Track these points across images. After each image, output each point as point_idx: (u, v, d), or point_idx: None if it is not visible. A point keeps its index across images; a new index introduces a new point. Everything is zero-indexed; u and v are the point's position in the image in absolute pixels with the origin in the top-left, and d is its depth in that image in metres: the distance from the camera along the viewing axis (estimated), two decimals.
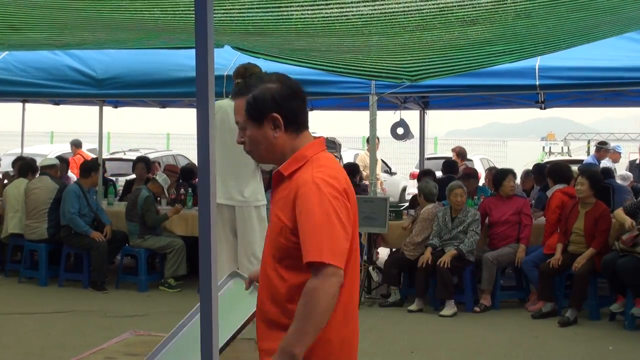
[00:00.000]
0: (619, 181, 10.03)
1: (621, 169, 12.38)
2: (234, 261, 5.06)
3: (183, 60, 8.90)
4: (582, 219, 7.46)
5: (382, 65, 6.18)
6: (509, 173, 8.38)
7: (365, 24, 4.45)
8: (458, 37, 4.94)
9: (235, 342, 4.91)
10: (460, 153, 12.77)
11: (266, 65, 5.65)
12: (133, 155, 14.01)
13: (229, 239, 5.01)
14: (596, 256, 7.30)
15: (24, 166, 9.85)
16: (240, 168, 4.93)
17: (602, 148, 12.34)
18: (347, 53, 5.65)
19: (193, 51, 3.17)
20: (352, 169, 10.57)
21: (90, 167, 9.24)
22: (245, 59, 7.26)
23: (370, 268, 8.13)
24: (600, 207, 7.46)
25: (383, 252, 9.57)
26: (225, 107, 5.06)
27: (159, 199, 9.12)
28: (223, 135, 4.96)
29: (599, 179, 7.58)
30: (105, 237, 8.76)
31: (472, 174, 9.70)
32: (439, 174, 10.67)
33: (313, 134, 2.79)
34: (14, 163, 11.13)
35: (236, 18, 4.45)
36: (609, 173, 9.58)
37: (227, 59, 8.83)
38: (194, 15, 2.88)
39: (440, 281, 7.66)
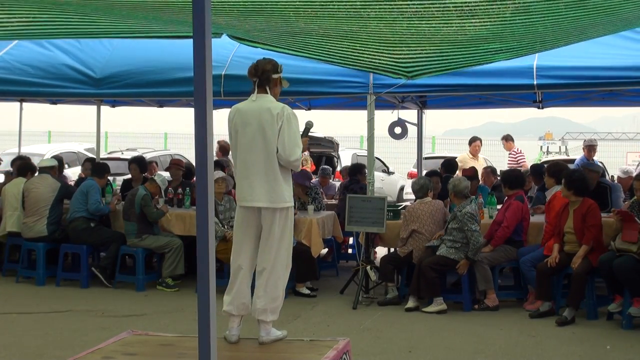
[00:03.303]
0: (619, 174, 10.24)
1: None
2: (254, 263, 4.98)
3: (181, 59, 8.91)
4: (572, 218, 7.49)
5: (380, 59, 6.16)
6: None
7: (364, 5, 4.41)
8: (456, 31, 4.92)
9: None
10: (224, 148, 12.20)
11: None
12: (130, 155, 14.00)
13: (252, 240, 4.94)
14: (592, 254, 7.31)
15: (23, 165, 9.86)
16: (268, 170, 4.84)
17: (590, 146, 12.31)
18: (345, 39, 5.61)
19: (191, 50, 3.17)
20: (356, 169, 10.60)
21: (105, 169, 9.53)
22: (243, 49, 7.22)
23: (368, 268, 8.13)
24: (586, 203, 7.47)
25: (381, 252, 9.58)
26: (244, 110, 4.97)
27: (156, 197, 9.11)
28: (245, 137, 4.90)
29: (574, 179, 7.56)
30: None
31: (473, 175, 9.73)
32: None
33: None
34: (12, 162, 11.13)
35: None
36: (602, 173, 9.68)
37: (224, 55, 8.83)
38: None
39: (423, 280, 7.69)
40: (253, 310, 4.90)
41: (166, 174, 10.07)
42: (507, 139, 14.15)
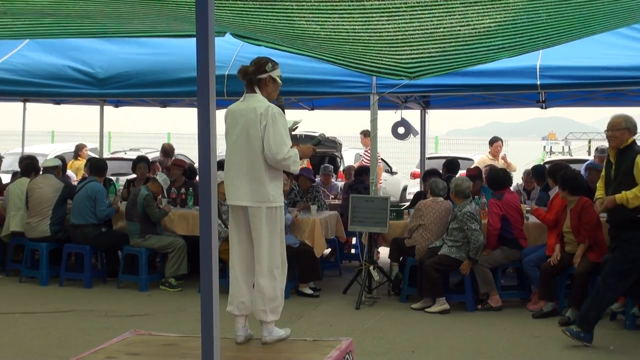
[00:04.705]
0: None
1: None
2: (247, 262, 4.98)
3: (184, 59, 8.91)
4: (569, 218, 7.49)
5: (382, 60, 6.14)
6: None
7: None
8: (459, 22, 4.89)
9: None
10: (164, 150, 12.34)
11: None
12: (134, 155, 14.01)
13: (242, 239, 4.94)
14: (593, 253, 7.29)
15: (28, 165, 9.87)
16: (251, 169, 4.84)
17: (602, 156, 12.19)
18: (347, 42, 5.60)
19: (194, 50, 3.17)
20: (362, 169, 10.61)
21: (104, 167, 9.53)
22: (247, 48, 7.17)
23: (371, 268, 8.13)
24: (580, 201, 7.46)
25: (384, 252, 9.57)
26: (234, 110, 4.98)
27: (159, 197, 9.12)
28: (232, 137, 4.91)
29: (567, 178, 7.56)
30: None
31: (477, 175, 9.73)
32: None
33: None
34: (20, 162, 11.15)
35: None
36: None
37: (227, 55, 8.82)
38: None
39: (425, 280, 7.70)
40: (254, 311, 4.91)
41: None
42: (366, 134, 13.25)
